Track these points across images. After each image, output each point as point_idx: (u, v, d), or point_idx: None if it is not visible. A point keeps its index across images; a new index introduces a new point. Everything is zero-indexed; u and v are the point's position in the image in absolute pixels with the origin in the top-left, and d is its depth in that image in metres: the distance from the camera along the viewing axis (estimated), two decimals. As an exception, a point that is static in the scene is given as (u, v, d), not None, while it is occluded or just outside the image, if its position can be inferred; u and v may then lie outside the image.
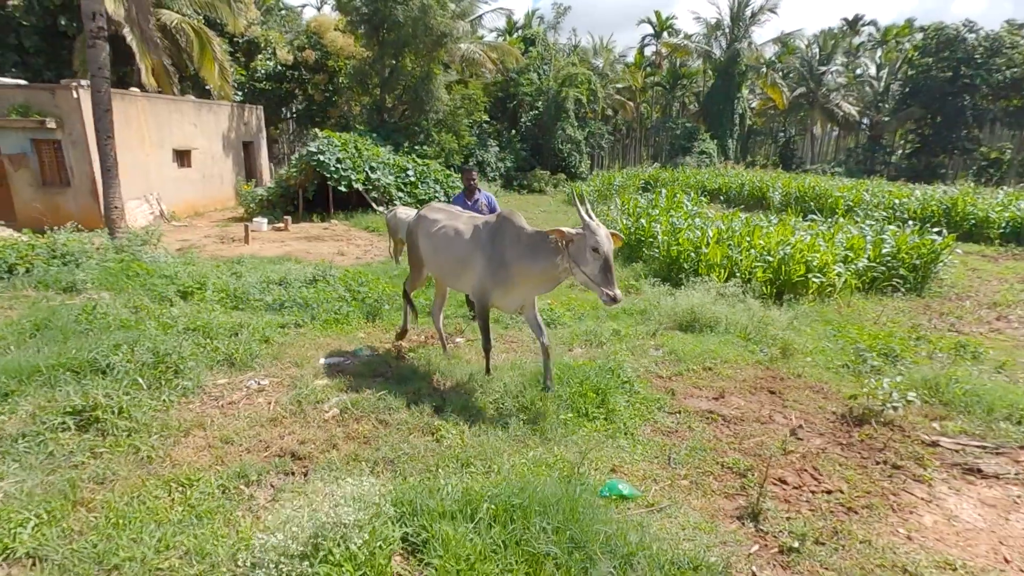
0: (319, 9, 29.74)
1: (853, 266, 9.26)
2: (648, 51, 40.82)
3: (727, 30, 36.68)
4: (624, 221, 12.04)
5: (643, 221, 11.35)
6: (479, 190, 5.91)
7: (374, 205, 16.19)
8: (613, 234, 3.68)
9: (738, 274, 8.55)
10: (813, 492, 3.00)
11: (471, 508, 2.30)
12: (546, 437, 3.30)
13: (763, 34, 69.76)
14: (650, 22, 39.17)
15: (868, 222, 11.95)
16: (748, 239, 9.68)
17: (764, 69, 36.56)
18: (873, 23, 40.94)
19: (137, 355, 3.68)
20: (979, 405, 4.12)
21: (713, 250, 9.17)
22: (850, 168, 37.40)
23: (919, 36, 36.96)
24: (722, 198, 23.61)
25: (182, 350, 3.82)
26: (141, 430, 3.05)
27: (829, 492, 2.99)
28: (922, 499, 3.01)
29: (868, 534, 2.63)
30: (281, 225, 14.20)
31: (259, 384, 3.86)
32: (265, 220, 13.97)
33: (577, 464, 2.92)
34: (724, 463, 3.26)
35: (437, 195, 17.11)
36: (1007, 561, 2.52)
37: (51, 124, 11.89)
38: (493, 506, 2.31)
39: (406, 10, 18.91)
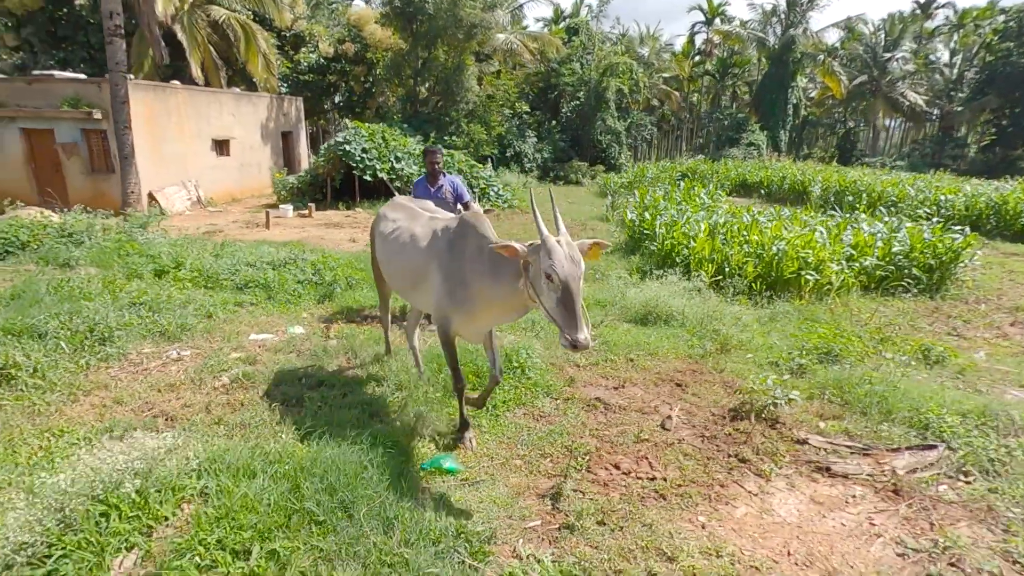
0: (368, 2, 30.53)
1: (856, 264, 8.92)
2: (699, 39, 39.64)
3: (783, 16, 35.15)
4: (630, 214, 12.01)
5: (647, 214, 11.28)
6: (444, 174, 5.38)
7: (397, 194, 16.71)
8: (596, 243, 2.80)
9: (727, 269, 8.43)
10: (639, 478, 3.10)
11: (265, 467, 2.57)
12: (403, 414, 3.53)
13: (821, 20, 66.03)
14: (701, 9, 37.95)
15: (885, 219, 11.39)
16: (744, 234, 9.50)
17: (821, 56, 34.77)
18: (950, 4, 38.08)
19: (73, 323, 4.17)
20: (879, 407, 4.03)
21: (701, 244, 9.06)
22: (914, 162, 35.19)
23: (1001, 19, 34.15)
24: (763, 192, 22.90)
25: (111, 321, 4.29)
26: (48, 388, 3.51)
27: (652, 479, 3.08)
28: (748, 492, 3.05)
29: (660, 519, 2.72)
30: (306, 212, 14.90)
31: (179, 354, 4.28)
32: (291, 207, 14.71)
33: (409, 437, 3.15)
34: (570, 447, 3.39)
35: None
36: (788, 554, 2.56)
37: (97, 115, 12.95)
38: (285, 467, 2.58)
39: (437, 2, 19.27)
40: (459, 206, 5.33)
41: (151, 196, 13.90)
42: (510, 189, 19.44)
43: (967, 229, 10.46)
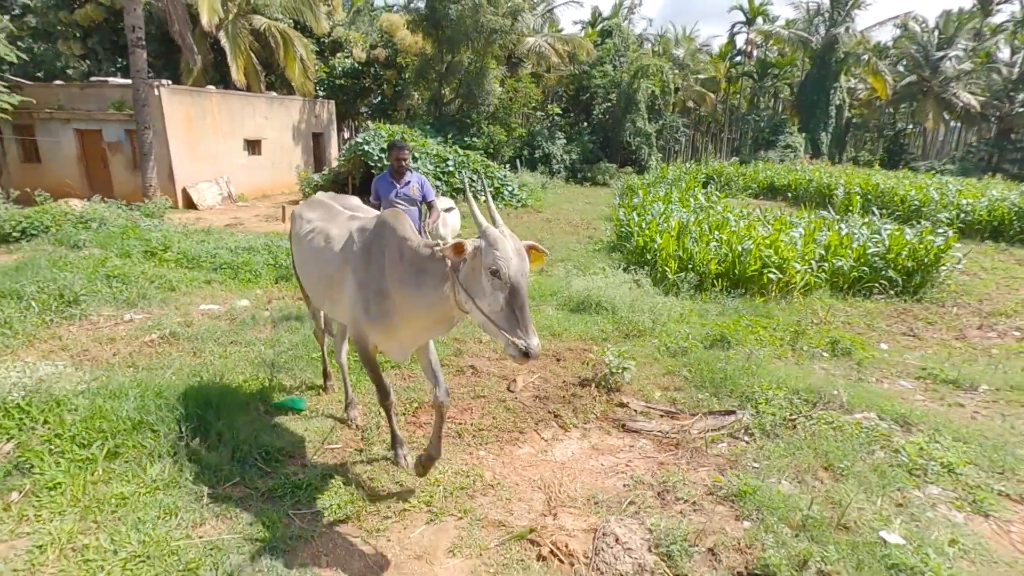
0: (395, 9, 31.76)
1: (826, 265, 9.01)
2: (739, 40, 39.01)
3: (826, 15, 34.25)
4: (619, 213, 12.42)
5: (635, 214, 11.67)
6: (411, 171, 5.06)
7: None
8: (532, 249, 2.46)
9: (691, 266, 8.69)
10: (458, 424, 3.68)
11: (135, 393, 3.32)
12: (276, 367, 4.23)
13: (867, 18, 63.03)
14: (742, 9, 37.35)
15: (865, 220, 11.34)
16: (716, 233, 9.77)
17: (866, 56, 33.64)
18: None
19: (48, 289, 5.11)
20: (721, 383, 4.43)
21: (665, 241, 9.41)
22: (967, 166, 33.51)
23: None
24: (789, 195, 22.67)
25: (78, 288, 5.21)
26: (12, 336, 4.41)
27: (461, 424, 3.66)
28: (541, 439, 3.58)
29: (450, 454, 3.31)
30: (322, 207, 15.99)
31: (131, 318, 5.15)
32: (308, 203, 15.83)
33: (268, 382, 3.86)
34: (413, 399, 4.00)
35: (474, 184, 18.20)
36: (531, 480, 3.09)
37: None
38: (147, 392, 3.33)
39: (458, 8, 20.10)
40: (424, 205, 5.07)
41: (185, 191, 15.30)
42: (527, 189, 19.98)
43: (949, 232, 10.39)
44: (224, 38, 20.74)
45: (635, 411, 4.00)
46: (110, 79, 16.21)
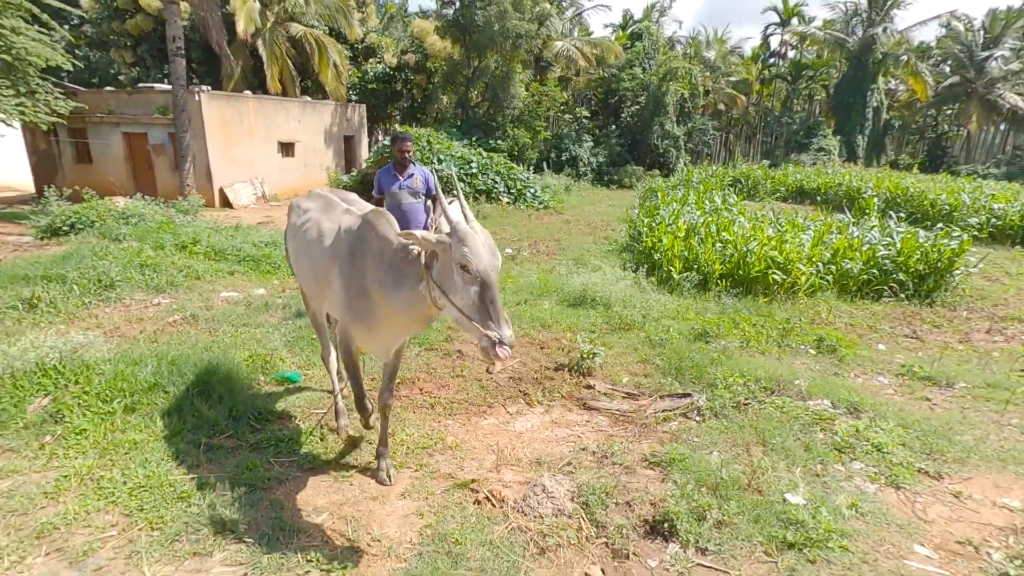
0: (426, 15, 32.52)
1: (834, 267, 9.05)
2: (773, 41, 38.51)
3: (864, 15, 33.55)
4: (632, 215, 12.67)
5: (645, 216, 11.89)
6: (414, 163, 4.97)
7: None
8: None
9: (696, 267, 8.86)
10: (432, 398, 4.09)
11: (152, 361, 3.85)
12: (279, 346, 4.72)
13: (906, 18, 60.76)
14: (776, 10, 36.88)
15: (871, 224, 11.29)
16: (723, 234, 9.92)
17: (905, 56, 32.81)
18: (1067, -4, 34.55)
19: (88, 275, 5.74)
20: (687, 371, 4.71)
21: (670, 242, 9.64)
22: (1013, 170, 32.31)
23: None
24: (819, 199, 22.46)
25: (114, 275, 5.83)
26: (55, 314, 5.03)
27: (434, 397, 4.07)
28: (507, 412, 3.96)
29: (416, 419, 3.72)
30: (349, 207, 16.70)
31: (159, 302, 5.74)
32: (336, 202, 16.56)
33: (269, 356, 4.34)
34: (400, 377, 4.43)
35: (496, 186, 18.68)
36: (488, 445, 3.47)
37: (188, 121, 15.34)
38: (163, 361, 3.84)
39: (486, 14, 20.63)
40: (428, 200, 5.06)
41: (221, 190, 16.21)
42: (549, 191, 20.30)
43: (964, 236, 10.32)
44: (261, 46, 21.78)
45: (600, 392, 4.34)
46: (156, 85, 17.26)
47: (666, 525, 2.62)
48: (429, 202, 5.06)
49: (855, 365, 5.77)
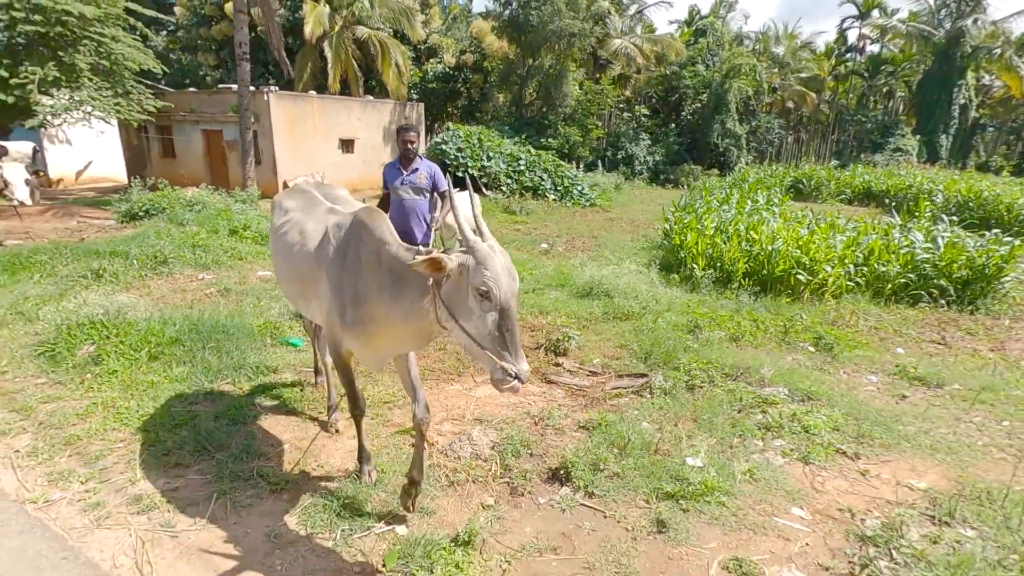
0: (486, 17, 33.19)
1: (866, 269, 8.90)
2: (851, 35, 36.62)
3: (952, 6, 31.41)
4: (667, 212, 12.77)
5: (679, 213, 11.97)
6: (421, 158, 4.75)
7: (483, 189, 18.80)
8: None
9: (719, 265, 8.90)
10: (410, 365, 4.60)
11: (179, 322, 4.58)
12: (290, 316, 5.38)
13: (1001, 7, 55.44)
14: (854, 2, 35.07)
15: (913, 226, 10.83)
16: (750, 233, 9.91)
17: (998, 49, 30.42)
18: None
19: (146, 252, 6.68)
20: (661, 356, 4.98)
21: (693, 239, 9.77)
22: (1124, 173, 29.39)
23: None
24: (887, 201, 21.54)
25: (168, 253, 6.74)
26: (116, 283, 5.94)
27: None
28: (474, 381, 4.41)
29: (391, 382, 4.23)
30: (400, 200, 17.61)
31: (203, 277, 6.59)
32: (389, 196, 17.53)
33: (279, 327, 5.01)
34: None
35: (543, 183, 19.11)
36: (443, 406, 3.93)
37: (251, 119, 16.72)
38: (184, 322, 4.57)
39: (540, 14, 21.05)
40: (435, 195, 4.84)
41: (284, 183, 17.50)
42: (598, 189, 20.47)
43: (1016, 241, 9.84)
44: (328, 48, 23.15)
45: (565, 370, 4.71)
46: (232, 86, 18.80)
47: (563, 472, 3.00)
48: (437, 197, 4.81)
49: (849, 363, 5.79)
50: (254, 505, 2.74)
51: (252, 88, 18.03)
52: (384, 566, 2.36)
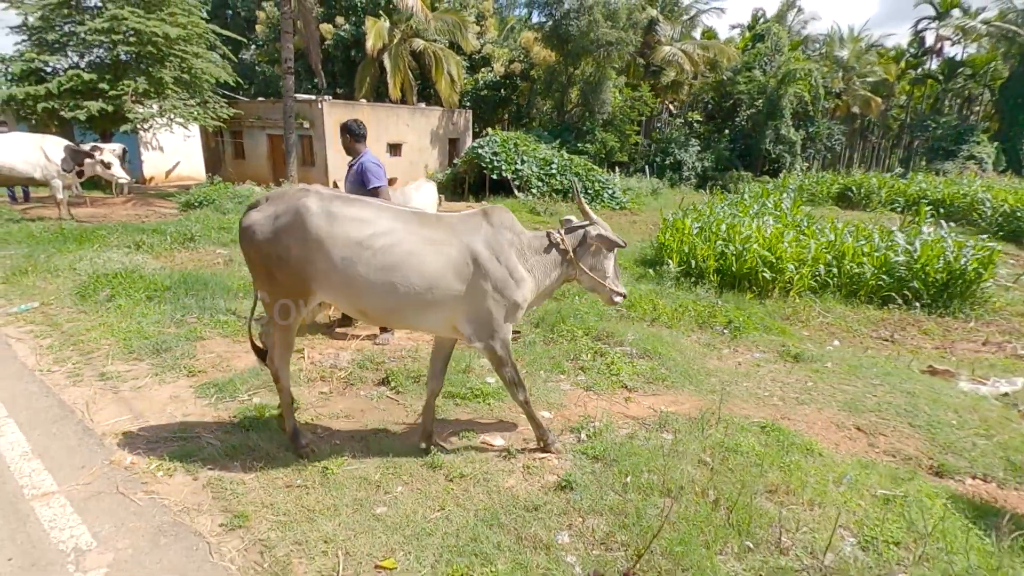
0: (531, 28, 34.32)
1: (835, 270, 9.35)
2: (928, 38, 34.84)
3: (1041, 3, 29.43)
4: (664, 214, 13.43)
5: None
6: (364, 154, 4.89)
7: (515, 191, 20.00)
8: None
9: (694, 262, 9.58)
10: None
11: (183, 277, 6.11)
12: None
13: None
14: (931, 3, 33.42)
15: (906, 228, 10.93)
16: (729, 232, 10.49)
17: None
18: None
19: (179, 231, 8.41)
20: (556, 326, 5.93)
21: (665, 237, 10.55)
22: None
23: None
24: (941, 211, 20.98)
25: (195, 232, 8.44)
26: (150, 253, 7.66)
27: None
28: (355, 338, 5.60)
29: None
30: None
31: (219, 252, 8.22)
32: (425, 195, 19.12)
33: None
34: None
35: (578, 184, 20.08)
36: (338, 347, 5.16)
37: (307, 125, 18.86)
38: (179, 275, 6.09)
39: (579, 24, 22.08)
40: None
41: (335, 183, 19.50)
42: (631, 193, 21.10)
43: (995, 246, 9.97)
44: (387, 60, 25.20)
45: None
46: (297, 95, 21.12)
47: (388, 379, 4.15)
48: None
49: (748, 343, 6.49)
50: (173, 382, 4.09)
51: (311, 98, 20.27)
52: (234, 417, 3.62)
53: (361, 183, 4.77)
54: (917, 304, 9.05)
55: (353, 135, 4.79)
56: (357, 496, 2.80)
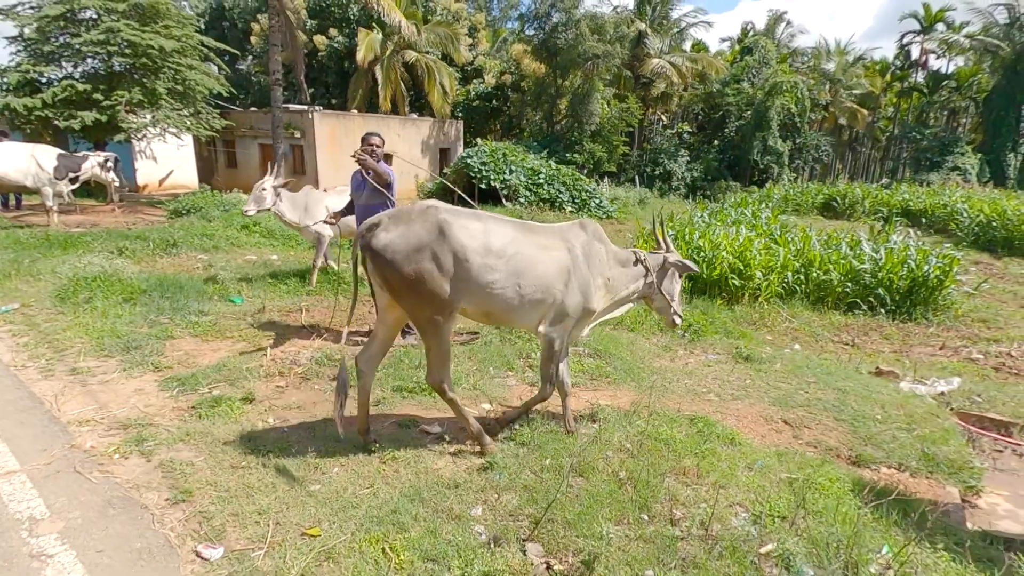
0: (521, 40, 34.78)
1: (802, 276, 9.63)
2: (913, 52, 35.43)
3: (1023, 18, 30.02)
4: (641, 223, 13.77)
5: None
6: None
7: (503, 199, 20.33)
8: None
9: None
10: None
11: (151, 279, 6.39)
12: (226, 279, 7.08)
13: None
14: (916, 17, 34.04)
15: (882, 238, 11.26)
16: (701, 241, 10.78)
17: (1071, 64, 28.72)
18: None
19: (162, 237, 8.68)
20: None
21: (640, 245, 10.83)
22: None
23: None
24: (923, 221, 21.42)
25: (177, 238, 8.71)
26: (132, 257, 7.93)
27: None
28: (322, 341, 5.87)
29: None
30: (424, 209, 19.49)
31: (200, 257, 8.49)
32: (414, 204, 19.47)
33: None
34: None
35: (561, 195, 20.40)
36: (299, 346, 5.42)
37: (298, 135, 19.20)
38: (155, 277, 6.36)
39: (565, 38, 22.54)
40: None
41: (324, 190, 19.81)
42: (618, 203, 21.42)
43: (957, 253, 10.30)
44: (379, 72, 25.61)
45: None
46: (289, 106, 21.50)
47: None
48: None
49: (706, 345, 6.77)
50: (139, 377, 4.35)
51: (303, 108, 20.63)
52: (194, 408, 3.88)
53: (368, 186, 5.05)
54: (882, 310, 9.36)
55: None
56: (296, 476, 3.06)
